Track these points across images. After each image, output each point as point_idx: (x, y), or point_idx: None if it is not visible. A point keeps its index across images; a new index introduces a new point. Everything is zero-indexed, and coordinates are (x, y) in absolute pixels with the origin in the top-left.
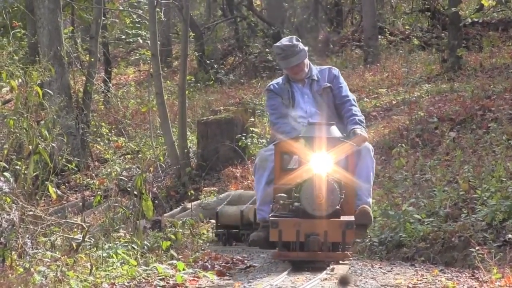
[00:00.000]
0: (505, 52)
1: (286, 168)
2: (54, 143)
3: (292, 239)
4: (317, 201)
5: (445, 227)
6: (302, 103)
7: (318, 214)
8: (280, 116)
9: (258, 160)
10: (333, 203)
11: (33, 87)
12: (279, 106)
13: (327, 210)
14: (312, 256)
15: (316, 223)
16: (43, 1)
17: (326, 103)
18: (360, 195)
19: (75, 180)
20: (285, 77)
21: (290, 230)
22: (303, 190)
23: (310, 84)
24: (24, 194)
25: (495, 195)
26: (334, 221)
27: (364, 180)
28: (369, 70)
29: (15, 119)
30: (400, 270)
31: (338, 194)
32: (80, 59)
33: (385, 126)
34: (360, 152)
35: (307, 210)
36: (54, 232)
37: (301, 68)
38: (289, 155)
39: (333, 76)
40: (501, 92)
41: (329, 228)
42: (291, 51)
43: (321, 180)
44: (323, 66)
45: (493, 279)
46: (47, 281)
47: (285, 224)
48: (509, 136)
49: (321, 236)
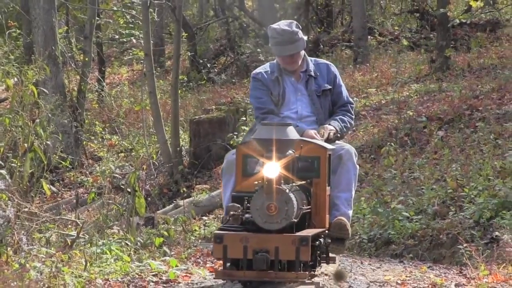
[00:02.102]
0: (492, 52)
1: (251, 172)
2: (49, 141)
3: (238, 256)
4: (269, 213)
5: (433, 225)
6: (293, 101)
7: (269, 227)
8: (267, 112)
9: (225, 164)
10: (287, 215)
11: (28, 86)
12: (267, 101)
13: (280, 223)
14: (260, 276)
15: (266, 238)
16: (38, 1)
17: (323, 106)
18: (338, 205)
19: (69, 178)
20: (276, 65)
21: (236, 246)
22: (254, 199)
23: (307, 80)
24: (20, 191)
25: (483, 193)
26: (286, 236)
27: (344, 188)
28: (358, 70)
29: (10, 118)
30: (389, 267)
31: (295, 205)
32: (75, 59)
33: (374, 125)
34: (341, 157)
35: (257, 223)
36: (49, 228)
37: (295, 59)
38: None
39: (333, 76)
40: (488, 92)
41: (281, 244)
42: (288, 38)
43: (274, 189)
44: (319, 59)
45: (480, 276)
46: (42, 276)
47: (230, 239)
48: (497, 135)
49: (271, 253)
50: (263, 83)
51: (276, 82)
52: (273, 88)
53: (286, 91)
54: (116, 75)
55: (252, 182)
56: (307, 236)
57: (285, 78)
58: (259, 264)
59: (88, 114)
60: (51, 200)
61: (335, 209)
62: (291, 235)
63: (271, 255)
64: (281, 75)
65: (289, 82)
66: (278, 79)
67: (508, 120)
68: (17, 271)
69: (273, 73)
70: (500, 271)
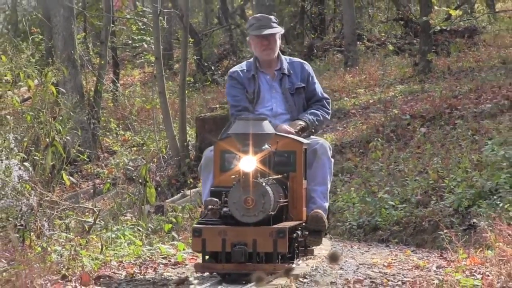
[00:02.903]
0: (470, 56)
1: (229, 168)
2: (68, 137)
3: (217, 249)
4: (246, 206)
5: (416, 213)
6: (268, 99)
7: (247, 220)
8: (242, 110)
9: (204, 160)
10: (264, 208)
11: (48, 87)
12: (242, 99)
13: (257, 216)
14: (238, 268)
15: (244, 231)
16: (59, 10)
17: (297, 104)
18: (315, 199)
19: (86, 170)
20: (252, 64)
21: (215, 239)
22: (231, 193)
23: (281, 78)
24: (42, 182)
25: (461, 184)
26: (264, 228)
27: (320, 181)
28: (349, 72)
29: (33, 115)
30: (376, 251)
31: (271, 198)
32: (91, 62)
33: (363, 122)
34: (316, 151)
35: (235, 216)
36: (68, 215)
37: (272, 45)
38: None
39: (307, 74)
40: (466, 93)
41: (258, 236)
42: (266, 22)
43: (251, 182)
44: (293, 58)
45: (459, 259)
46: (62, 259)
47: (209, 232)
48: (474, 131)
49: (249, 246)
50: (238, 81)
51: (252, 80)
52: (248, 86)
53: (261, 89)
54: (129, 77)
55: (229, 177)
56: (284, 228)
57: (260, 76)
58: (237, 256)
59: (104, 112)
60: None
61: (311, 202)
62: (268, 227)
63: (249, 247)
64: (257, 73)
65: (264, 80)
66: (254, 77)
67: (484, 118)
68: (40, 254)
69: (249, 71)
70: (477, 255)
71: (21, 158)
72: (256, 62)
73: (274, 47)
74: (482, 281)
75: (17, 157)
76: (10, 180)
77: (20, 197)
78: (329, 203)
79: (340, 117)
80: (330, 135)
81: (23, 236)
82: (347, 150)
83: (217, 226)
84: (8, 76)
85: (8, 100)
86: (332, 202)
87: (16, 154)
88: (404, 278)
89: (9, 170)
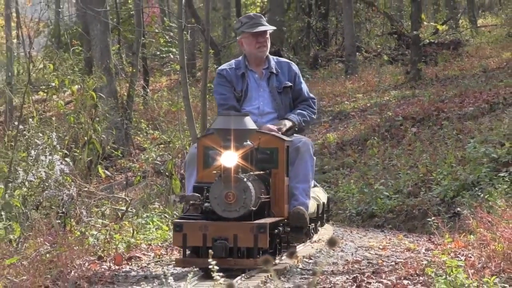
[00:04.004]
0: (455, 66)
1: (210, 164)
2: (104, 135)
3: (198, 244)
4: (227, 201)
5: (407, 202)
6: (255, 97)
7: (228, 215)
8: (229, 108)
9: (188, 157)
10: (245, 203)
11: (88, 92)
12: (230, 97)
13: (239, 211)
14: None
15: (225, 226)
16: (96, 24)
17: (284, 103)
18: (297, 196)
19: (120, 164)
20: (242, 62)
21: (195, 234)
22: (212, 188)
23: (269, 77)
24: (81, 175)
25: (447, 177)
26: (245, 224)
27: (302, 179)
28: (349, 79)
29: (74, 116)
30: (373, 235)
31: (252, 194)
32: (125, 70)
33: (361, 123)
34: (298, 149)
35: (216, 211)
36: (103, 204)
37: (265, 42)
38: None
39: (294, 74)
40: (451, 97)
41: (239, 231)
42: (259, 20)
43: (232, 177)
44: (281, 58)
45: (445, 243)
46: (98, 242)
47: (190, 227)
48: (458, 131)
49: (230, 241)
50: (226, 79)
51: (241, 78)
52: (236, 84)
53: (249, 87)
54: (157, 83)
55: (212, 173)
56: (265, 224)
57: (249, 75)
58: (218, 251)
59: (135, 113)
60: (106, 182)
61: (293, 199)
62: (249, 222)
63: (230, 242)
64: (246, 71)
65: (252, 79)
66: (244, 75)
67: (467, 119)
68: (79, 238)
69: (238, 69)
70: (460, 239)
71: (63, 154)
72: (246, 61)
73: (268, 44)
74: (465, 262)
75: (59, 153)
76: (53, 173)
77: (62, 188)
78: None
79: (341, 118)
80: (332, 134)
81: (64, 222)
82: (347, 147)
83: (198, 221)
84: (54, 82)
85: (54, 103)
86: (334, 193)
87: (59, 150)
88: (397, 259)
89: (52, 164)
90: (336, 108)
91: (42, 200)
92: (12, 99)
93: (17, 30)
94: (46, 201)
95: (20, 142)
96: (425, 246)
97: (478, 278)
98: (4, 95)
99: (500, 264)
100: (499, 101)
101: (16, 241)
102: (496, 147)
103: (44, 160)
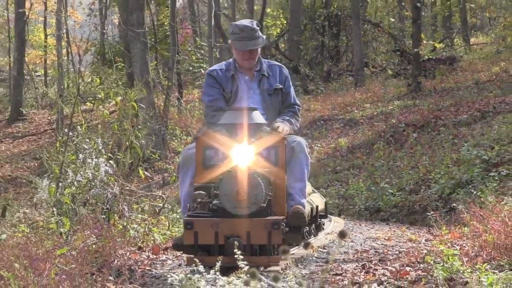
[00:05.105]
0: (450, 79)
1: (209, 164)
2: (144, 140)
3: (210, 241)
4: (238, 198)
5: (409, 198)
6: (245, 98)
7: (239, 212)
8: (217, 109)
9: (182, 159)
10: (257, 200)
11: (130, 103)
12: (219, 99)
13: (250, 208)
14: (232, 261)
15: (237, 223)
16: (136, 44)
17: (274, 104)
18: (293, 195)
19: (157, 166)
20: (231, 64)
21: (207, 232)
22: (222, 185)
23: (260, 79)
24: (123, 175)
25: (444, 176)
26: (258, 220)
27: (298, 178)
28: (358, 91)
29: (117, 124)
30: (379, 228)
31: (263, 190)
32: (161, 84)
33: (368, 129)
34: (293, 149)
35: (227, 208)
36: (143, 201)
37: (253, 55)
38: (213, 149)
39: (284, 78)
40: (448, 106)
41: (252, 228)
42: (250, 34)
43: (243, 173)
44: (272, 61)
45: (442, 234)
46: (138, 234)
47: (201, 225)
48: (454, 136)
49: (243, 238)
50: (216, 80)
51: (231, 80)
52: (226, 85)
53: (239, 88)
54: (190, 95)
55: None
56: (279, 220)
57: (239, 76)
58: (232, 249)
59: (170, 121)
60: (145, 181)
61: (290, 198)
62: (262, 219)
63: (242, 239)
64: (236, 73)
65: (243, 80)
66: (233, 76)
67: (461, 125)
68: (121, 231)
69: (228, 71)
70: (456, 231)
71: (107, 157)
72: (236, 63)
73: (256, 57)
74: (460, 251)
75: (104, 156)
76: (98, 174)
77: (106, 187)
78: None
79: (351, 125)
80: (343, 139)
81: (108, 217)
82: (357, 151)
83: (209, 219)
84: (100, 94)
85: (99, 112)
86: (345, 190)
87: (104, 154)
88: (400, 249)
89: (98, 166)
90: (346, 116)
91: (89, 197)
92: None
93: (67, 49)
94: (93, 198)
95: (70, 146)
96: (425, 237)
97: (471, 265)
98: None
99: (491, 252)
100: (490, 109)
101: (66, 233)
102: (487, 150)
103: (91, 162)
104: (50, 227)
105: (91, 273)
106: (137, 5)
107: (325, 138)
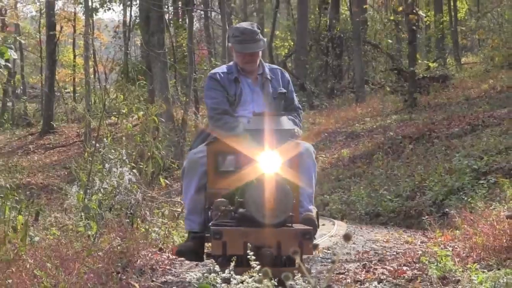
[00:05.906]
0: (443, 95)
1: (221, 170)
2: (164, 151)
3: (239, 252)
4: (268, 206)
5: (406, 204)
6: (249, 102)
7: (268, 221)
8: (222, 112)
9: (187, 163)
10: (286, 208)
11: (151, 117)
12: (222, 102)
13: (279, 217)
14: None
15: (267, 233)
16: (157, 63)
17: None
18: (302, 202)
19: (176, 175)
20: (233, 67)
21: (236, 242)
22: (249, 193)
23: (263, 83)
24: (145, 183)
25: (438, 184)
26: (289, 230)
27: (307, 185)
28: (359, 106)
29: (140, 136)
30: (378, 231)
31: (292, 198)
32: (180, 99)
33: (368, 141)
34: (301, 155)
35: (255, 217)
36: (163, 206)
37: (255, 58)
38: (224, 155)
39: (287, 81)
40: (441, 120)
41: (283, 238)
42: (250, 37)
43: (271, 181)
44: (272, 65)
45: (436, 236)
46: (159, 237)
47: (230, 235)
48: (446, 147)
49: (274, 248)
50: (219, 83)
51: (234, 83)
52: (229, 88)
53: (242, 91)
54: (206, 110)
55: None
56: (309, 230)
57: (242, 79)
58: (265, 259)
59: (188, 134)
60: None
61: (299, 205)
62: (293, 229)
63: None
64: (239, 76)
65: (246, 84)
66: (236, 79)
67: (453, 138)
68: (143, 233)
69: (231, 74)
70: (448, 233)
71: (131, 167)
72: (238, 66)
73: (257, 60)
74: (452, 252)
75: (128, 166)
76: (123, 182)
77: (130, 193)
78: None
79: (353, 137)
80: (345, 150)
81: (132, 221)
82: (358, 161)
83: (238, 228)
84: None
85: (123, 126)
86: (347, 197)
87: (127, 164)
88: (398, 250)
89: (122, 175)
90: (348, 129)
91: (114, 203)
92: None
93: (94, 68)
94: (117, 204)
95: (96, 157)
96: (420, 239)
97: (463, 265)
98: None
99: (480, 253)
100: (479, 123)
101: (93, 236)
102: (476, 160)
103: (116, 171)
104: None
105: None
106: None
107: (329, 149)
